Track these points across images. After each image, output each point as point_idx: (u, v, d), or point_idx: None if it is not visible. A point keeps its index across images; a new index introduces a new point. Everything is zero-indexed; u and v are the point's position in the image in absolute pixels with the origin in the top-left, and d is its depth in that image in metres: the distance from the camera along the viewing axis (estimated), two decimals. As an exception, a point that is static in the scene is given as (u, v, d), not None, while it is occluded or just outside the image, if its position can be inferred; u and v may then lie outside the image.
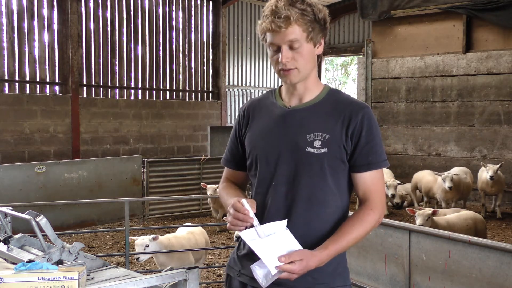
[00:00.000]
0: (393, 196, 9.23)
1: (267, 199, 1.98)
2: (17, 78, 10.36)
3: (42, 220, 1.83)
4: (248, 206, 1.83)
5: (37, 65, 10.61)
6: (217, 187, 3.45)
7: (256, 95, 8.87)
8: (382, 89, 11.93)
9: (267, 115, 2.04)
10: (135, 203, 8.84)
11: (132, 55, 12.11)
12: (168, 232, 6.45)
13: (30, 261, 1.53)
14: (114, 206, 8.50)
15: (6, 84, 10.22)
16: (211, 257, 6.83)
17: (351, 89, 26.45)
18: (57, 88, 10.97)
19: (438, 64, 11.12)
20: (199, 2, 13.41)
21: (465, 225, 6.00)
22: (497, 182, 8.81)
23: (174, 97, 13.07)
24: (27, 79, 10.50)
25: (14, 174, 7.90)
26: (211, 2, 13.63)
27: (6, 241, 1.99)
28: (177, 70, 13.08)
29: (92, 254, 1.93)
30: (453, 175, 8.46)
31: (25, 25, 10.37)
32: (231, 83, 14.53)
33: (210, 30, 13.75)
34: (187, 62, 13.29)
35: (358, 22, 15.60)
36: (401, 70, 11.63)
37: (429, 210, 6.11)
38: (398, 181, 9.38)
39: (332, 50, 16.70)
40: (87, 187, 8.61)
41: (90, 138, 11.22)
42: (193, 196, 8.26)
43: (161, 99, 12.71)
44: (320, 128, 1.93)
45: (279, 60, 1.89)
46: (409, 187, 10.18)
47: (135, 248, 4.74)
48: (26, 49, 10.42)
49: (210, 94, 13.88)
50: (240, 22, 14.60)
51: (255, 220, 1.83)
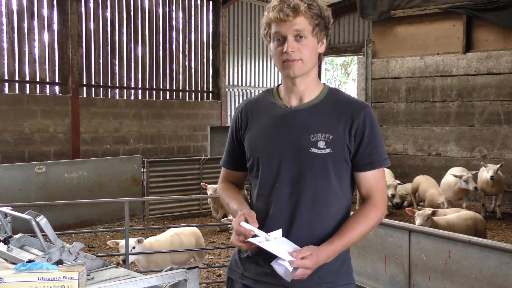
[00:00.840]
0: (393, 196, 9.23)
1: (270, 201, 1.97)
2: (17, 78, 10.36)
3: (42, 220, 1.83)
4: (251, 227, 1.82)
5: (37, 65, 10.62)
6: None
7: (256, 95, 8.86)
8: (382, 89, 11.93)
9: (267, 116, 2.02)
10: (135, 203, 8.84)
11: (132, 55, 12.10)
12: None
13: (30, 261, 1.53)
14: (114, 206, 8.50)
15: (6, 84, 10.22)
16: (211, 257, 6.83)
17: (351, 89, 26.44)
18: (57, 88, 10.97)
19: (438, 64, 11.12)
20: (199, 2, 13.41)
21: (465, 225, 5.99)
22: (497, 182, 8.81)
23: (174, 97, 13.07)
24: (27, 79, 10.50)
25: (14, 174, 7.90)
26: (211, 2, 13.63)
27: (6, 241, 1.99)
28: (177, 70, 13.08)
29: (92, 254, 1.93)
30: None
31: (25, 25, 10.37)
32: (231, 83, 14.53)
33: (210, 30, 13.75)
34: (187, 62, 13.29)
35: (358, 22, 15.61)
36: (401, 70, 11.63)
37: (429, 211, 6.11)
38: (398, 181, 9.37)
39: (332, 50, 16.70)
40: (87, 187, 8.61)
41: (90, 138, 11.22)
42: (193, 196, 8.26)
43: (161, 99, 12.71)
44: (323, 129, 1.92)
45: (284, 50, 1.89)
46: (409, 187, 10.18)
47: (120, 251, 4.73)
48: (26, 49, 10.42)
49: (210, 94, 13.88)
50: (240, 22, 14.60)
51: (260, 232, 1.84)
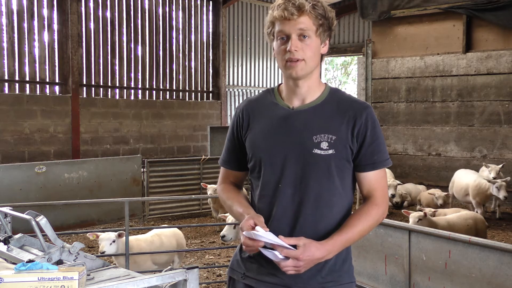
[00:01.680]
0: (393, 196, 9.23)
1: (273, 202, 1.97)
2: (17, 78, 10.36)
3: (42, 220, 1.83)
4: (260, 236, 1.81)
5: (37, 65, 10.62)
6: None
7: (256, 95, 8.86)
8: (382, 89, 11.93)
9: (269, 116, 2.01)
10: (135, 203, 8.84)
11: (132, 55, 12.10)
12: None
13: (30, 261, 1.53)
14: (114, 206, 8.50)
15: (6, 84, 10.22)
16: (211, 257, 6.83)
17: (351, 89, 26.44)
18: (57, 88, 10.97)
19: (438, 64, 11.12)
20: (199, 2, 13.41)
21: (466, 225, 6.00)
22: None
23: (174, 97, 13.07)
24: (27, 79, 10.50)
25: (14, 174, 7.90)
26: (211, 2, 13.63)
27: (6, 241, 1.99)
28: (177, 70, 13.08)
29: (92, 254, 1.93)
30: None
31: (25, 25, 10.37)
32: (231, 83, 14.53)
33: (210, 30, 13.75)
34: (187, 62, 13.29)
35: (358, 22, 15.61)
36: (401, 70, 11.63)
37: (429, 211, 6.11)
38: (398, 181, 9.37)
39: (332, 50, 16.69)
40: (87, 187, 8.60)
41: (90, 138, 11.22)
42: (193, 196, 8.26)
43: (161, 99, 12.71)
44: (326, 129, 1.92)
45: (288, 49, 1.88)
46: (409, 187, 10.18)
47: (99, 242, 4.79)
48: (26, 49, 10.43)
49: (210, 94, 13.88)
50: (240, 22, 14.60)
51: (270, 234, 1.84)
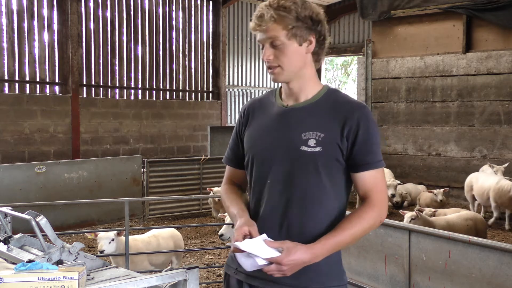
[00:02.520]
0: (393, 196, 9.24)
1: (263, 198, 1.99)
2: (17, 78, 10.36)
3: (42, 220, 1.83)
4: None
5: (37, 65, 10.61)
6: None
7: (256, 95, 8.87)
8: (382, 89, 11.93)
9: (266, 115, 2.06)
10: (135, 203, 8.84)
11: (132, 55, 12.10)
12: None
13: (30, 261, 1.53)
14: (114, 206, 8.50)
15: (6, 84, 10.22)
16: (211, 257, 6.83)
17: (351, 89, 26.44)
18: (57, 88, 10.97)
19: (438, 64, 11.12)
20: (199, 2, 13.41)
21: (466, 225, 6.00)
22: None
23: (174, 97, 13.07)
24: (27, 79, 10.49)
25: (14, 174, 7.90)
26: (211, 2, 13.63)
27: (6, 241, 1.99)
28: (177, 70, 13.08)
29: (92, 254, 1.93)
30: None
31: (25, 25, 10.37)
32: (231, 83, 14.53)
33: (210, 30, 13.75)
34: (187, 62, 13.29)
35: (358, 22, 15.60)
36: (401, 70, 11.63)
37: (429, 211, 6.12)
38: (398, 181, 9.38)
39: (332, 50, 16.69)
40: (87, 187, 8.60)
41: (90, 138, 11.22)
42: (193, 196, 8.26)
43: (161, 99, 12.71)
44: (316, 127, 1.93)
45: (262, 58, 1.96)
46: (409, 187, 10.18)
47: (98, 241, 4.80)
48: (26, 49, 10.42)
49: (210, 94, 13.88)
50: (240, 22, 14.59)
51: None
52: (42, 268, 1.49)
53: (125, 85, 12.04)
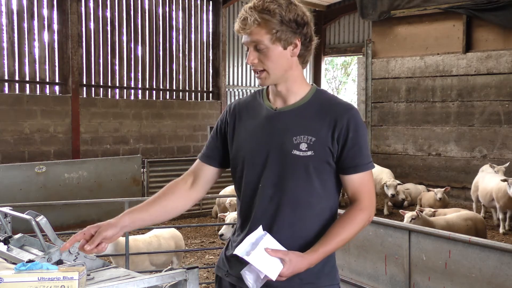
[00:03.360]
0: (393, 196, 9.24)
1: (253, 202, 1.98)
2: (17, 78, 10.36)
3: (42, 220, 1.83)
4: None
5: (37, 65, 10.61)
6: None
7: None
8: (382, 89, 11.93)
9: (254, 117, 2.03)
10: (135, 203, 8.76)
11: (132, 55, 12.10)
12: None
13: (30, 261, 1.53)
14: (114, 206, 8.47)
15: (6, 84, 10.21)
16: (211, 257, 6.83)
17: (351, 89, 26.45)
18: (57, 88, 10.97)
19: (438, 64, 11.12)
20: (199, 2, 13.41)
21: (465, 225, 6.00)
22: None
23: (174, 97, 13.07)
24: (27, 79, 10.49)
25: (14, 174, 7.90)
26: (211, 2, 13.63)
27: (6, 241, 1.99)
28: (177, 70, 13.07)
29: (92, 254, 1.93)
30: None
31: (25, 25, 10.37)
32: (231, 83, 14.53)
33: (210, 30, 13.74)
34: (187, 62, 13.28)
35: (358, 22, 15.60)
36: (401, 70, 11.63)
37: (429, 211, 6.12)
38: (398, 181, 9.38)
39: (332, 50, 16.70)
40: (87, 187, 8.60)
41: (90, 138, 11.22)
42: (193, 196, 8.23)
43: (161, 99, 12.71)
44: (306, 131, 1.92)
45: (246, 61, 1.95)
46: (410, 187, 10.18)
47: None
48: (26, 49, 10.42)
49: (210, 94, 13.88)
50: (240, 22, 14.58)
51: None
52: (42, 268, 1.49)
53: (125, 85, 12.04)
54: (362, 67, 12.18)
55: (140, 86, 12.36)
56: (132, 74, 12.17)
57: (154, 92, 12.66)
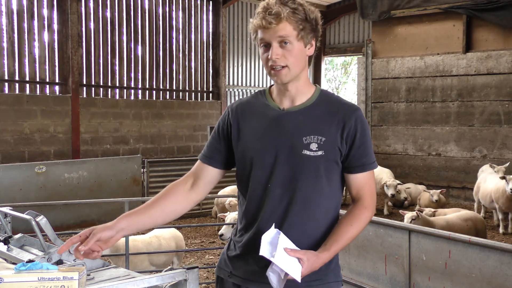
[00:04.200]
0: (393, 196, 9.23)
1: (262, 201, 1.98)
2: (17, 78, 10.36)
3: (42, 220, 1.84)
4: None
5: (37, 65, 10.61)
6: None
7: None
8: (382, 89, 11.93)
9: (260, 117, 2.02)
10: (135, 203, 8.78)
11: (132, 55, 12.10)
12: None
13: (30, 261, 1.53)
14: (114, 206, 8.48)
15: (6, 84, 10.22)
16: (211, 257, 6.83)
17: (351, 89, 26.44)
18: (57, 88, 10.97)
19: (438, 64, 11.12)
20: (199, 2, 13.41)
21: (465, 225, 6.00)
22: None
23: (174, 97, 13.07)
24: (27, 79, 10.50)
25: (14, 174, 7.90)
26: (211, 2, 13.63)
27: (6, 241, 1.99)
28: (177, 70, 13.07)
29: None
30: None
31: (25, 25, 10.37)
32: (231, 83, 14.53)
33: (210, 30, 13.74)
34: (187, 62, 13.28)
35: (358, 22, 15.61)
36: (401, 70, 11.63)
37: (429, 211, 6.12)
38: (398, 181, 9.38)
39: (332, 50, 16.70)
40: (87, 187, 8.60)
41: (90, 138, 11.22)
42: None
43: (161, 99, 12.71)
44: (316, 131, 1.94)
45: (269, 57, 1.90)
46: (410, 187, 10.17)
47: None
48: (26, 49, 10.42)
49: (210, 94, 13.88)
50: (240, 22, 14.60)
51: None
52: (42, 268, 1.49)
53: (125, 85, 12.04)
54: (362, 67, 12.17)
55: (140, 86, 12.36)
56: (132, 74, 12.17)
57: (154, 92, 12.66)
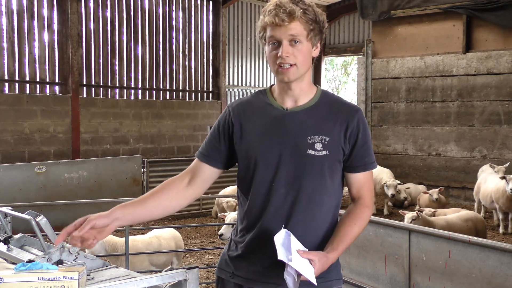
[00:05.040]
0: (393, 196, 9.23)
1: (266, 200, 1.99)
2: (17, 78, 10.36)
3: (42, 220, 1.84)
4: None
5: (37, 65, 10.61)
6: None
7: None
8: (382, 89, 11.93)
9: (263, 117, 2.02)
10: (135, 203, 8.82)
11: (132, 55, 12.10)
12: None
13: (30, 261, 1.53)
14: (114, 206, 8.50)
15: (6, 84, 10.22)
16: (211, 257, 6.83)
17: (351, 89, 26.44)
18: (57, 88, 10.97)
19: (438, 64, 11.12)
20: (199, 2, 13.41)
21: (465, 225, 6.00)
22: None
23: (174, 97, 13.07)
24: (27, 79, 10.50)
25: (14, 174, 7.90)
26: (211, 2, 13.63)
27: (6, 241, 1.99)
28: (177, 70, 13.08)
29: (92, 254, 1.93)
30: None
31: (25, 25, 10.37)
32: (231, 83, 14.53)
33: (210, 30, 13.75)
34: (187, 62, 13.29)
35: (358, 22, 15.61)
36: (401, 70, 11.63)
37: (429, 211, 6.12)
38: (398, 181, 9.37)
39: (332, 50, 16.70)
40: (87, 187, 8.60)
41: (90, 138, 11.22)
42: (193, 196, 8.22)
43: (161, 99, 12.71)
44: (320, 131, 1.96)
45: (279, 55, 1.90)
46: (410, 186, 10.17)
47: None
48: (26, 49, 10.42)
49: (210, 94, 13.88)
50: (240, 22, 14.60)
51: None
52: (42, 268, 1.49)
53: (125, 85, 12.04)
54: (362, 67, 12.17)
55: (140, 86, 12.36)
56: (132, 74, 12.17)
57: (154, 92, 12.66)
